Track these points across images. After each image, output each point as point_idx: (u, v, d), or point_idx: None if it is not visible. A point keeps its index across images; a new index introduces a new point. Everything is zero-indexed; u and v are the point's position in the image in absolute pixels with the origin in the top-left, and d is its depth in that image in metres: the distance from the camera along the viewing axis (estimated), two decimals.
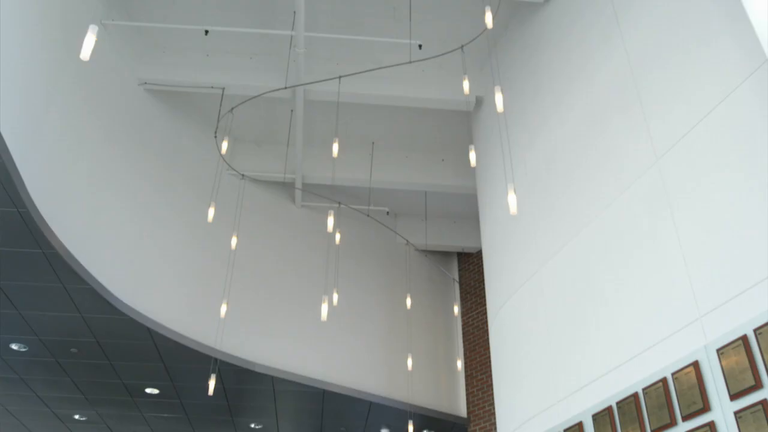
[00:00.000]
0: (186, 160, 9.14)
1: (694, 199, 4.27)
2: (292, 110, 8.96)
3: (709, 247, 4.06)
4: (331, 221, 7.67)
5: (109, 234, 7.57)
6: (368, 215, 10.11)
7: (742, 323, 3.69)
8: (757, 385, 3.49)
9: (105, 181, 7.61)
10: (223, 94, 8.31)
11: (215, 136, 8.65)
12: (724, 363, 3.74)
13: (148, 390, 9.70)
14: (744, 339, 3.62)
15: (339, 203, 9.15)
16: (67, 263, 6.64)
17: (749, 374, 3.54)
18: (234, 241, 7.69)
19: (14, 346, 8.34)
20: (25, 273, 6.85)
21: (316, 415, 10.36)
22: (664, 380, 4.17)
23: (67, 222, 6.72)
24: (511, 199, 5.05)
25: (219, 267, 8.76)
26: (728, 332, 3.77)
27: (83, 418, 10.94)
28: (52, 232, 6.35)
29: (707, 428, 3.74)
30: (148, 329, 7.82)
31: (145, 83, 8.35)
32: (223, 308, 7.56)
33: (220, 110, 8.38)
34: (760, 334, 3.53)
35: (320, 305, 7.22)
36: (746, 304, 3.69)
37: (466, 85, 6.23)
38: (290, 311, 9.50)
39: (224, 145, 8.01)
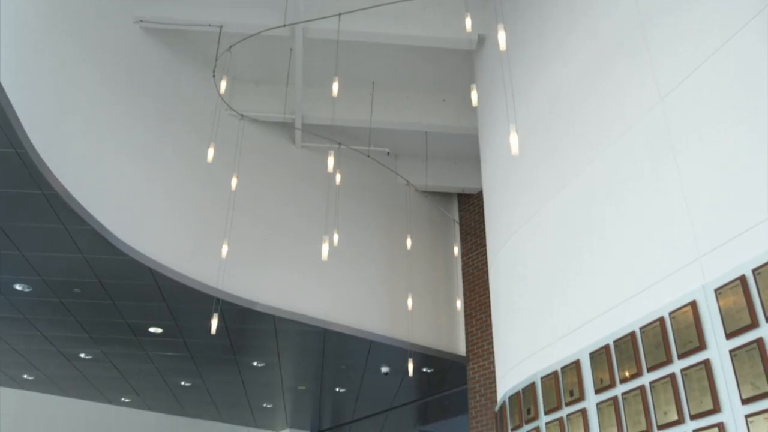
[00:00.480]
0: (184, 99, 9.04)
1: (697, 139, 4.23)
2: (291, 49, 8.80)
3: (711, 187, 4.05)
4: (331, 161, 7.63)
5: (109, 174, 7.55)
6: (368, 156, 10.06)
7: (741, 263, 3.70)
8: (753, 324, 3.52)
9: (103, 121, 7.54)
10: (220, 33, 8.15)
11: (213, 76, 8.52)
12: (721, 303, 3.77)
13: (152, 329, 9.84)
14: (742, 279, 3.64)
15: (339, 144, 9.08)
16: (67, 204, 6.64)
17: (746, 314, 3.58)
18: (234, 181, 7.66)
19: (18, 287, 8.42)
20: (26, 214, 6.85)
21: (318, 353, 10.54)
22: (661, 319, 4.21)
23: (66, 163, 6.69)
24: (513, 139, 5.00)
25: (219, 207, 8.76)
26: (727, 272, 3.79)
27: (89, 357, 11.15)
28: (51, 173, 6.33)
29: (702, 366, 3.80)
30: (150, 269, 7.89)
31: (141, 21, 8.18)
32: (225, 248, 7.59)
33: (218, 49, 8.23)
34: (758, 274, 3.55)
35: (321, 245, 7.24)
36: (746, 244, 3.70)
37: (468, 22, 6.09)
38: (291, 251, 9.55)
39: (223, 85, 7.90)
